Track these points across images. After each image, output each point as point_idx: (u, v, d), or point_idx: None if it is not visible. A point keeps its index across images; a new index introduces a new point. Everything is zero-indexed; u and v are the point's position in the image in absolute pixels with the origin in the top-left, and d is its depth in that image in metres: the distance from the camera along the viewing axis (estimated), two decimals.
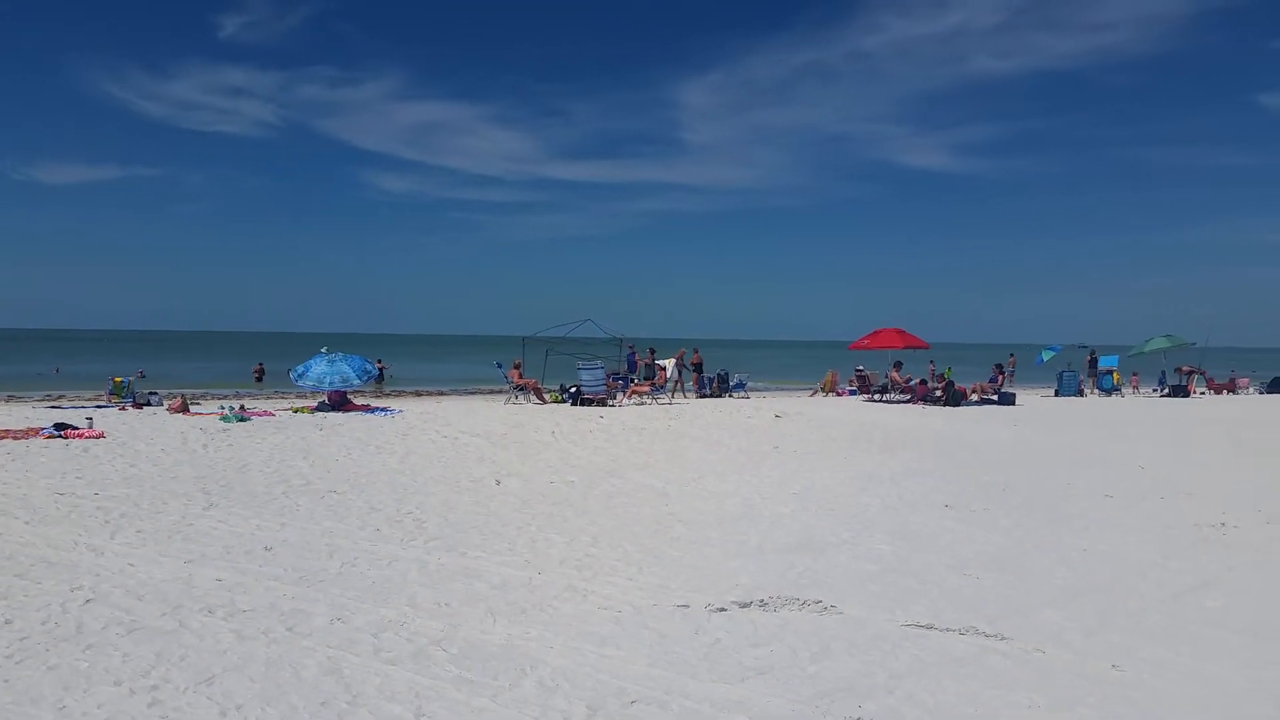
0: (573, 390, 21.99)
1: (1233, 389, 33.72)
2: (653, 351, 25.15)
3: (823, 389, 32.02)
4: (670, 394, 24.71)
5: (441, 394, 30.26)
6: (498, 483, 10.99)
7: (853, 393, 29.90)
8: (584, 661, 5.34)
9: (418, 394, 29.96)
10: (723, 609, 6.42)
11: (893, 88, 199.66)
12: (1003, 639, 5.90)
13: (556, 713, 4.62)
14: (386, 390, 30.54)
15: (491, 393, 27.64)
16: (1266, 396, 31.94)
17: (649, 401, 22.39)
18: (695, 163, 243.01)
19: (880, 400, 27.01)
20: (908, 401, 26.44)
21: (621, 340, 26.56)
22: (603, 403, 21.21)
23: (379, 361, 30.29)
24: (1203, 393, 32.76)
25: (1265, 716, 4.84)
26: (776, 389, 39.20)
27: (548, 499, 10.18)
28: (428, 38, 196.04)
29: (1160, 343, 33.21)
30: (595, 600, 6.56)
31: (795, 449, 14.75)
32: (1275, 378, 34.85)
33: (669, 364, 24.72)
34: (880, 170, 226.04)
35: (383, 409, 18.97)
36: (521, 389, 22.27)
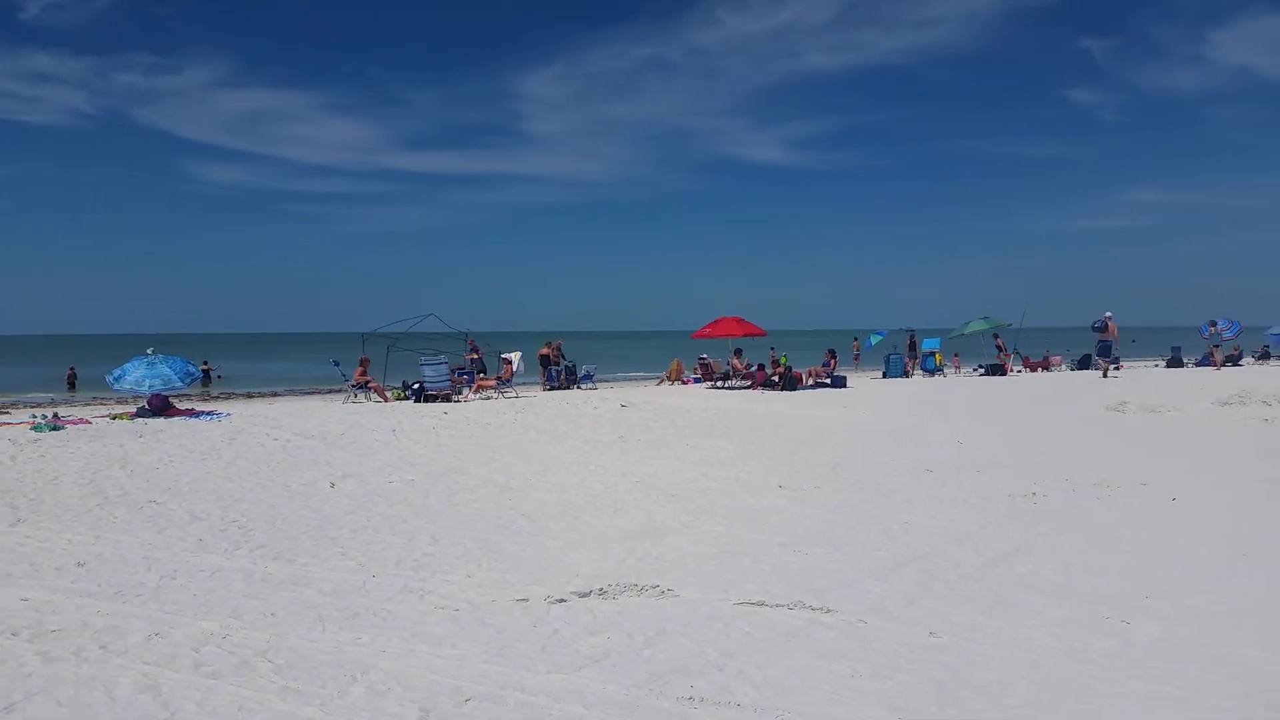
0: (416, 387, 21.54)
1: (1046, 366, 36.14)
2: (473, 343, 25.15)
3: (668, 378, 32.48)
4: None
5: (275, 395, 29.10)
6: (332, 485, 10.65)
7: (697, 380, 30.47)
8: (418, 663, 5.24)
9: (249, 396, 28.71)
10: (562, 600, 6.43)
11: (731, 83, 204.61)
12: (829, 612, 6.15)
13: (388, 716, 4.53)
14: (214, 393, 29.12)
15: (331, 392, 26.76)
16: (1077, 373, 34.38)
17: (495, 396, 22.17)
18: (541, 154, 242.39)
19: (722, 387, 27.64)
20: (748, 387, 27.17)
21: (467, 336, 26.22)
22: (447, 398, 20.87)
23: (204, 363, 28.83)
24: (1019, 370, 34.99)
25: (1062, 668, 5.22)
26: (625, 379, 39.52)
27: (385, 499, 9.94)
28: (254, 22, 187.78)
29: (979, 325, 35.30)
30: (432, 600, 6.45)
31: (640, 438, 14.92)
32: (1085, 355, 37.53)
33: (515, 357, 24.54)
34: (721, 164, 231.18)
35: (209, 413, 18.06)
36: (361, 387, 21.65)
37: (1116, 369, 35.06)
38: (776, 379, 27.02)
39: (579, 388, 27.51)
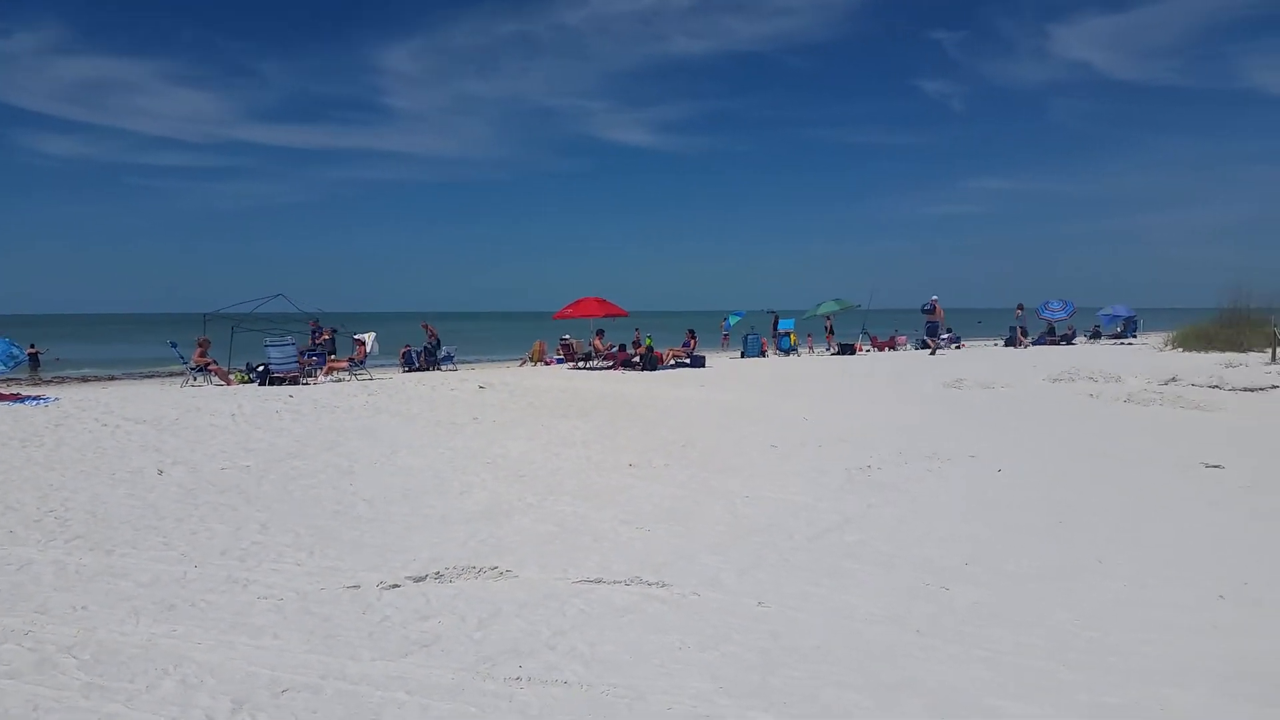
0: (260, 369, 20.70)
1: (893, 346, 37.59)
2: (334, 330, 24.41)
3: (531, 359, 32.29)
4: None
5: (112, 378, 27.46)
6: (160, 472, 10.11)
7: (560, 361, 30.40)
8: (235, 654, 5.02)
9: (84, 379, 27.00)
10: (395, 585, 6.28)
11: (596, 63, 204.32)
12: (664, 586, 6.21)
13: (198, 710, 4.32)
14: (44, 377, 27.28)
15: (172, 376, 25.44)
16: (921, 352, 35.89)
17: (348, 378, 21.53)
18: (401, 130, 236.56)
19: (584, 368, 27.65)
20: (609, 368, 27.26)
21: (315, 316, 25.39)
22: (295, 381, 20.14)
23: (31, 345, 27.00)
24: (868, 350, 36.27)
25: (883, 634, 5.41)
26: (487, 361, 39.05)
27: (216, 487, 9.50)
28: None
29: (830, 306, 36.40)
30: (256, 590, 6.19)
31: (495, 419, 14.74)
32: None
33: (368, 338, 23.89)
34: (586, 144, 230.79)
35: (35, 398, 16.90)
36: (201, 370, 20.66)
37: (958, 347, 36.83)
38: (637, 359, 27.21)
39: (439, 369, 27.03)
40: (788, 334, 34.45)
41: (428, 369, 26.76)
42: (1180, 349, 31.95)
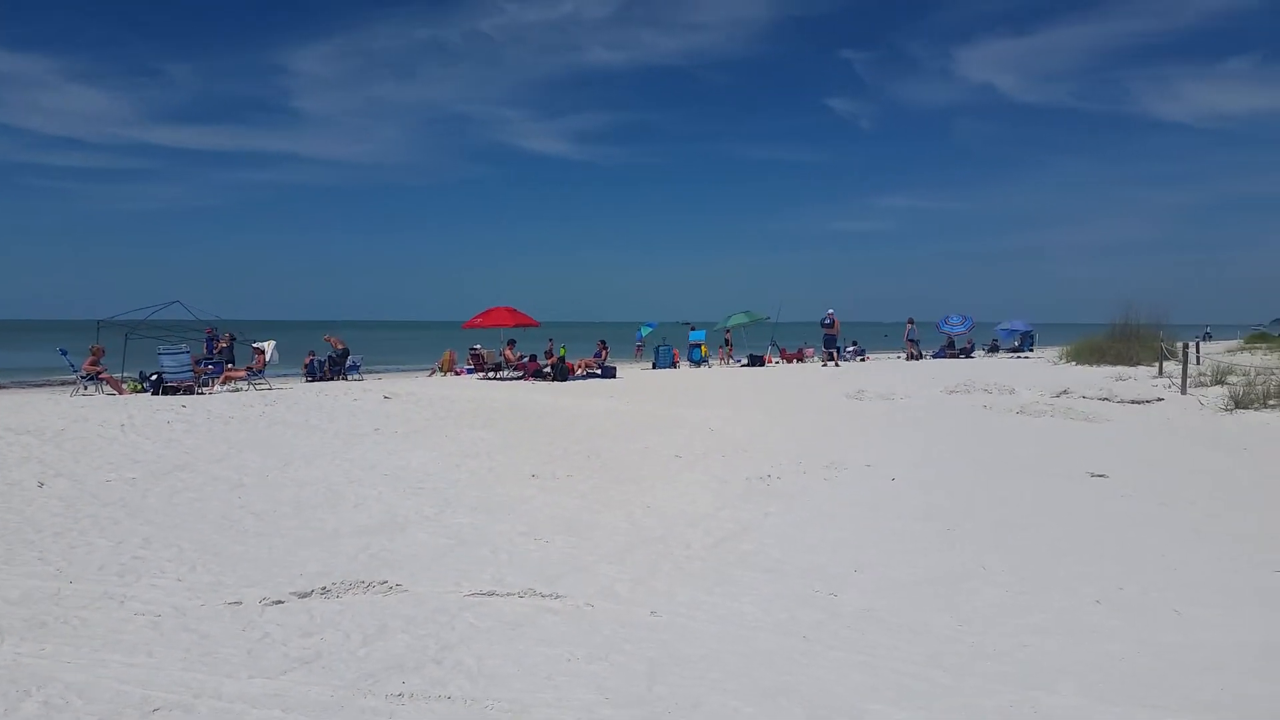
0: (154, 378, 20.01)
1: (801, 358, 38.23)
2: (232, 337, 23.75)
3: (441, 368, 31.91)
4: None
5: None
6: (40, 485, 9.69)
7: (470, 371, 30.10)
8: (107, 673, 4.83)
9: None
10: (279, 601, 6.12)
11: (512, 72, 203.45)
12: (557, 597, 6.19)
13: None
14: None
15: (63, 384, 24.40)
16: (828, 364, 36.58)
17: (246, 388, 20.95)
18: (312, 134, 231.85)
19: (495, 378, 27.43)
20: (520, 378, 27.11)
21: (213, 323, 24.68)
22: (189, 390, 19.52)
23: None
24: (777, 362, 36.82)
25: (770, 641, 5.49)
26: (396, 370, 38.44)
27: (99, 500, 9.14)
28: None
29: (740, 318, 36.85)
30: (134, 606, 5.97)
31: (397, 429, 14.51)
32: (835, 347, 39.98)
33: (268, 347, 23.30)
34: (501, 152, 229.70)
35: None
36: (92, 378, 19.86)
37: (862, 359, 37.60)
38: (548, 370, 27.12)
39: (345, 379, 26.50)
40: (699, 345, 34.74)
41: (332, 379, 26.21)
42: (1073, 363, 33.20)
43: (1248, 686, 4.86)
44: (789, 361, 36.91)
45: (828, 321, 34.41)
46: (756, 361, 34.83)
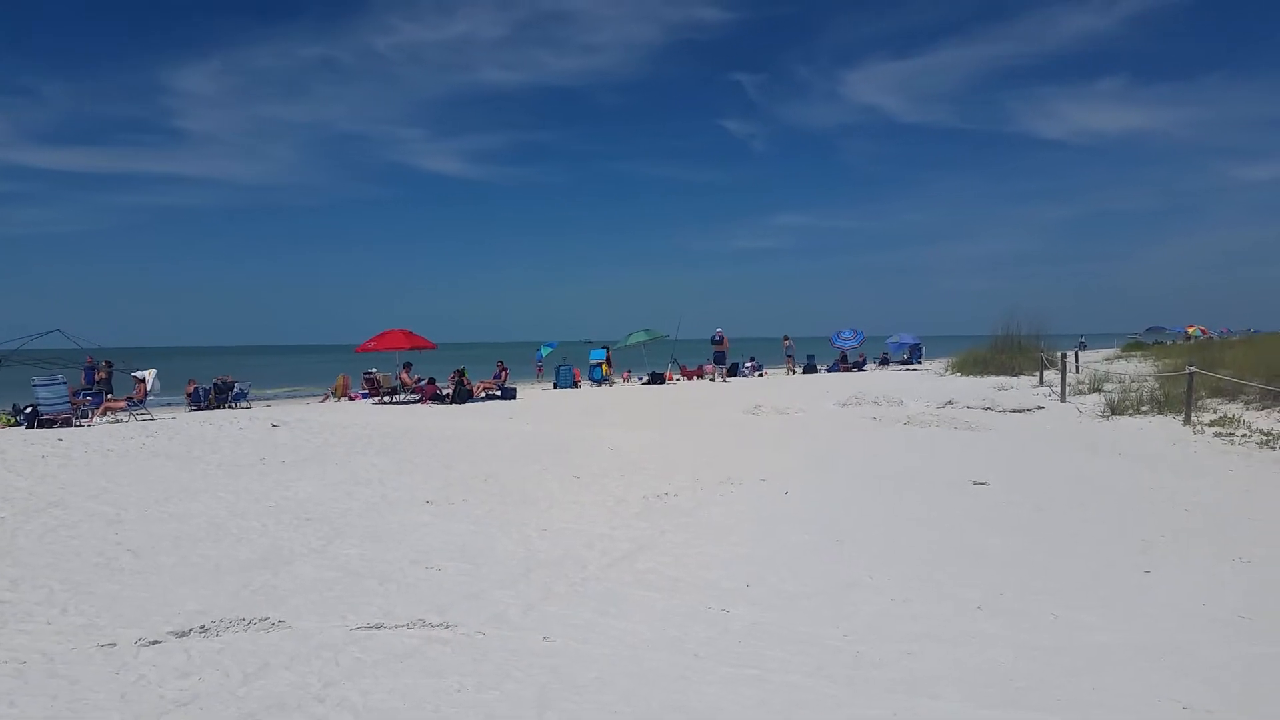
0: (28, 410, 19.03)
1: (701, 375, 38.61)
2: (110, 365, 22.81)
3: (334, 394, 31.17)
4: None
5: None
6: None
7: (365, 396, 29.47)
8: None
9: None
10: (156, 642, 5.85)
11: (407, 91, 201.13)
12: (448, 627, 6.08)
13: None
14: None
15: None
16: (730, 380, 37.06)
17: (126, 419, 20.08)
18: (197, 155, 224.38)
19: (391, 402, 26.91)
20: (417, 401, 26.66)
21: (94, 352, 23.60)
22: (66, 423, 18.62)
23: None
24: (678, 379, 37.11)
25: (662, 660, 5.50)
26: (287, 396, 37.43)
27: None
28: None
29: (640, 336, 37.09)
30: None
31: (285, 459, 14.09)
32: (734, 364, 40.54)
33: (148, 376, 22.40)
34: (396, 172, 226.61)
35: None
36: None
37: (760, 374, 38.27)
38: (447, 392, 26.76)
39: (232, 407, 25.64)
40: (599, 364, 34.78)
41: (217, 407, 25.34)
42: (958, 374, 34.38)
43: (1122, 686, 5.08)
44: (690, 378, 37.23)
45: (717, 339, 35.99)
46: (658, 379, 35.05)
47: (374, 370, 29.63)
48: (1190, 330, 65.32)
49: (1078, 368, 29.69)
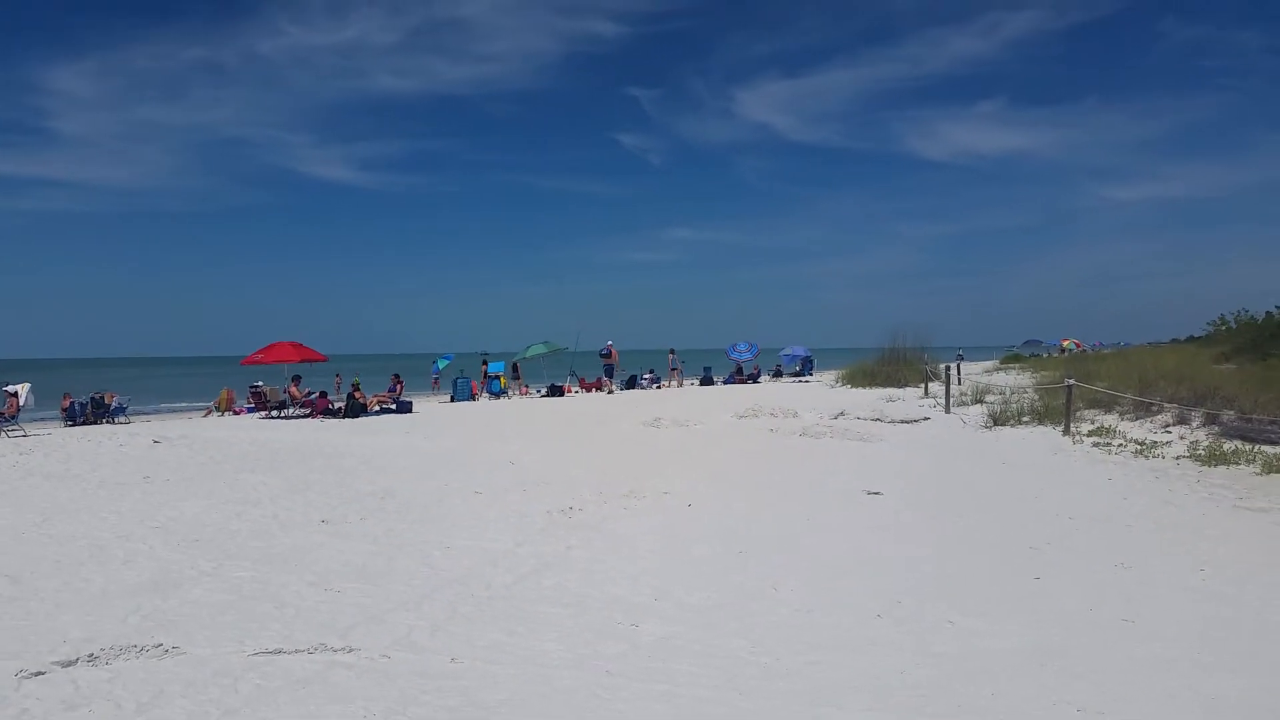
0: None
1: (599, 386, 38.69)
2: None
3: (218, 408, 30.16)
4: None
5: None
6: None
7: (251, 410, 28.57)
8: None
9: None
10: (40, 673, 5.54)
11: (295, 96, 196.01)
12: (351, 651, 5.94)
13: None
14: None
15: None
16: (625, 392, 37.24)
17: None
18: (70, 158, 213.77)
19: (279, 417, 26.15)
20: (308, 416, 25.98)
21: None
22: None
23: None
24: (577, 391, 37.11)
25: (572, 678, 5.48)
26: (168, 411, 36.05)
27: None
28: None
29: (539, 349, 36.96)
30: None
31: (169, 477, 13.54)
32: (632, 375, 40.77)
33: (21, 390, 21.26)
34: (283, 178, 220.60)
35: None
36: None
37: (658, 387, 38.64)
38: (339, 406, 26.14)
39: (111, 422, 24.53)
40: (498, 376, 34.51)
41: (95, 422, 24.22)
42: (849, 385, 35.33)
43: (1020, 690, 5.29)
44: (588, 391, 37.25)
45: (605, 352, 37.08)
46: (556, 391, 34.96)
47: (260, 384, 28.75)
48: (1065, 343, 68.65)
49: (959, 379, 30.83)
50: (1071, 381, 18.37)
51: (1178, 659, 5.76)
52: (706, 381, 41.72)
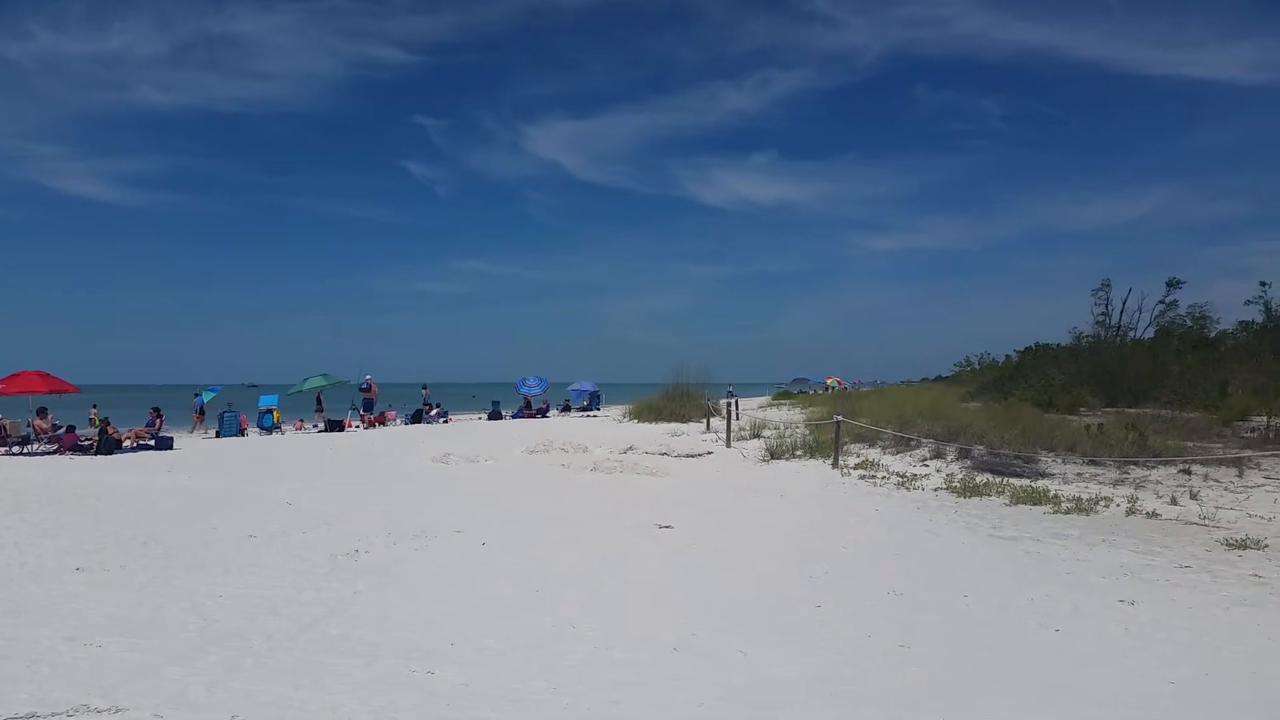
0: None
1: (383, 421, 37.52)
2: None
3: None
4: None
5: None
6: None
7: None
8: None
9: None
10: None
11: (45, 105, 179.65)
12: (117, 711, 5.41)
13: None
14: None
15: None
16: (411, 426, 36.31)
17: None
18: None
19: (21, 453, 23.67)
20: (55, 452, 23.69)
21: None
22: None
23: None
24: (358, 426, 35.76)
25: None
26: None
27: None
28: None
29: (318, 381, 35.40)
30: None
31: None
32: (418, 410, 39.79)
33: None
34: (30, 193, 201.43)
35: None
36: None
37: (445, 421, 37.98)
38: (89, 441, 23.98)
39: None
40: (270, 410, 32.74)
41: None
42: (636, 420, 36.02)
43: (809, 716, 5.52)
44: (370, 426, 36.01)
45: (365, 385, 36.85)
46: (336, 427, 33.58)
47: (0, 416, 25.94)
48: (829, 381, 73.15)
49: (737, 414, 32.14)
50: (840, 418, 19.55)
51: (952, 684, 6.19)
52: (495, 416, 41.36)
